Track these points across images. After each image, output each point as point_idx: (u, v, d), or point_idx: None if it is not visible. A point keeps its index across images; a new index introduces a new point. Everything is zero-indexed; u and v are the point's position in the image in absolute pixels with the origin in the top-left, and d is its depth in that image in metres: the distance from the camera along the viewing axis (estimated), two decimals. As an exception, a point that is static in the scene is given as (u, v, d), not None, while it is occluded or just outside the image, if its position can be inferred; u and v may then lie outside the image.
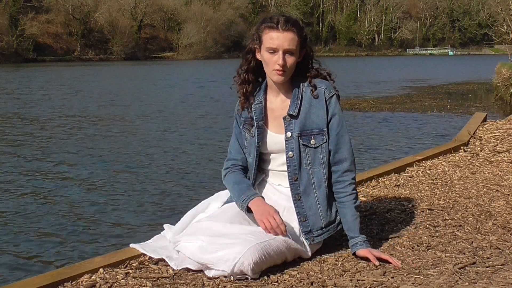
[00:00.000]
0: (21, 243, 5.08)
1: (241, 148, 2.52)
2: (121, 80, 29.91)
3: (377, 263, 2.28)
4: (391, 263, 2.28)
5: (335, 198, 2.43)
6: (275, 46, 2.32)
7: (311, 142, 2.39)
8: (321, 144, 2.39)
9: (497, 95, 17.88)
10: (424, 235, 2.67)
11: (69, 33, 69.57)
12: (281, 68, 2.32)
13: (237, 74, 2.49)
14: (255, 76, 2.47)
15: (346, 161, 2.40)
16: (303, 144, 2.38)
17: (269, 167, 2.50)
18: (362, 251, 2.34)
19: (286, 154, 2.40)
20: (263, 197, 2.38)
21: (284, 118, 2.39)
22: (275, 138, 2.43)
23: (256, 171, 2.49)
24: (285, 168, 2.43)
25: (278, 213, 2.30)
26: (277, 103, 2.44)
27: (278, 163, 2.46)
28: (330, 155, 2.41)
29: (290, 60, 2.33)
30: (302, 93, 2.39)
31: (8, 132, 11.92)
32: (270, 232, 2.24)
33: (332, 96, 2.39)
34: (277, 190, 2.48)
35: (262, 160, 2.51)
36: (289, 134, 2.39)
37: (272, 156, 2.47)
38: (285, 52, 2.31)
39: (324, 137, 2.39)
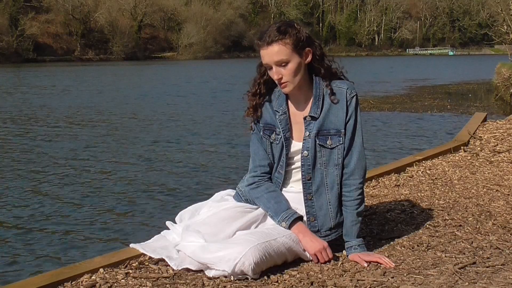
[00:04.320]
0: (20, 243, 5.08)
1: (267, 153, 2.45)
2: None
3: (364, 264, 2.29)
4: (381, 264, 2.29)
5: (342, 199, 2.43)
6: (266, 63, 2.31)
7: (328, 142, 2.36)
8: (338, 145, 2.36)
9: (497, 95, 17.88)
10: (424, 235, 2.67)
11: (69, 33, 69.55)
12: (280, 82, 2.31)
13: (250, 86, 2.46)
14: (266, 90, 2.43)
15: (355, 165, 2.38)
16: (319, 144, 2.36)
17: (285, 169, 2.45)
18: (351, 256, 2.36)
19: (301, 153, 2.38)
20: (301, 216, 2.37)
21: (305, 118, 2.37)
22: (297, 145, 2.41)
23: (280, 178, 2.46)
24: (298, 169, 2.41)
25: (328, 245, 2.35)
26: (299, 107, 2.40)
27: (294, 166, 2.44)
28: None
29: (286, 70, 2.29)
30: (323, 92, 2.36)
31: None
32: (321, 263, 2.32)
33: (353, 96, 2.36)
34: (287, 192, 2.45)
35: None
36: (307, 133, 2.37)
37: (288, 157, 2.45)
38: (277, 65, 2.29)
39: (341, 138, 2.36)
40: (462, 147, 4.64)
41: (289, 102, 2.42)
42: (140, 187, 7.05)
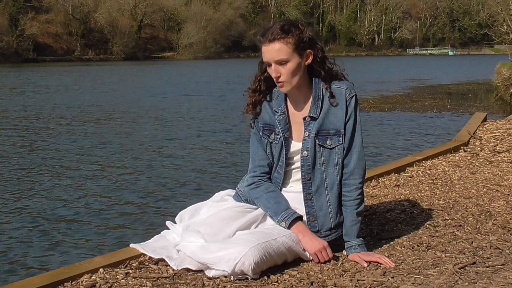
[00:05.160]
0: (20, 243, 5.08)
1: (266, 154, 2.45)
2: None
3: (364, 264, 2.29)
4: (381, 264, 2.29)
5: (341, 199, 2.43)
6: (266, 60, 2.32)
7: (327, 142, 2.36)
8: (337, 146, 2.36)
9: (497, 95, 17.89)
10: (424, 235, 2.67)
11: (69, 33, 69.53)
12: (277, 80, 2.31)
13: (250, 82, 2.46)
14: (266, 87, 2.43)
15: (355, 165, 2.38)
16: (319, 144, 2.36)
17: (285, 169, 2.45)
18: (352, 256, 2.36)
19: (301, 154, 2.38)
20: (301, 216, 2.37)
21: (304, 119, 2.37)
22: (297, 145, 2.41)
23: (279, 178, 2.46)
24: (298, 169, 2.41)
25: (328, 244, 2.34)
26: (298, 108, 2.40)
27: (293, 166, 2.44)
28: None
29: (285, 70, 2.29)
30: (322, 93, 2.36)
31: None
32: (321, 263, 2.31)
33: (353, 96, 2.36)
34: (287, 192, 2.46)
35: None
36: (306, 133, 2.37)
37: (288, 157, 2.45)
38: (277, 63, 2.29)
39: (341, 138, 2.36)
40: (462, 147, 4.64)
41: (288, 102, 2.42)
42: (140, 187, 7.05)
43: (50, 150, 9.69)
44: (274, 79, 2.33)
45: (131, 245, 2.44)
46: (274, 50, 2.28)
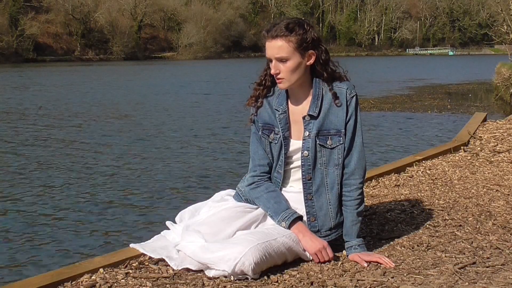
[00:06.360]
0: (21, 243, 5.08)
1: (266, 153, 2.45)
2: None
3: (364, 264, 2.29)
4: (381, 264, 2.29)
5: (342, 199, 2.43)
6: (268, 56, 2.33)
7: (328, 142, 2.36)
8: (338, 145, 2.36)
9: (497, 95, 17.90)
10: (424, 235, 2.67)
11: (69, 33, 69.47)
12: (276, 77, 2.32)
13: (258, 76, 2.48)
14: (271, 83, 2.43)
15: (356, 165, 2.38)
16: (319, 144, 2.36)
17: (284, 168, 2.45)
18: (351, 256, 2.36)
19: (301, 153, 2.38)
20: (301, 216, 2.37)
21: (304, 118, 2.37)
22: (296, 144, 2.41)
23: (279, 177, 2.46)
24: (297, 168, 2.41)
25: (328, 244, 2.34)
26: (299, 107, 2.41)
27: (293, 165, 2.44)
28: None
29: (284, 67, 2.30)
30: (323, 93, 2.37)
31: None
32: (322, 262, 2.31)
33: (353, 96, 2.36)
34: (287, 192, 2.46)
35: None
36: (306, 133, 2.37)
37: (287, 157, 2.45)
38: (277, 60, 2.30)
39: (341, 138, 2.36)
40: (462, 147, 4.64)
41: (289, 101, 2.43)
42: (139, 187, 7.06)
43: (48, 150, 9.69)
44: (274, 75, 2.34)
45: (131, 245, 2.44)
46: (275, 47, 2.30)
